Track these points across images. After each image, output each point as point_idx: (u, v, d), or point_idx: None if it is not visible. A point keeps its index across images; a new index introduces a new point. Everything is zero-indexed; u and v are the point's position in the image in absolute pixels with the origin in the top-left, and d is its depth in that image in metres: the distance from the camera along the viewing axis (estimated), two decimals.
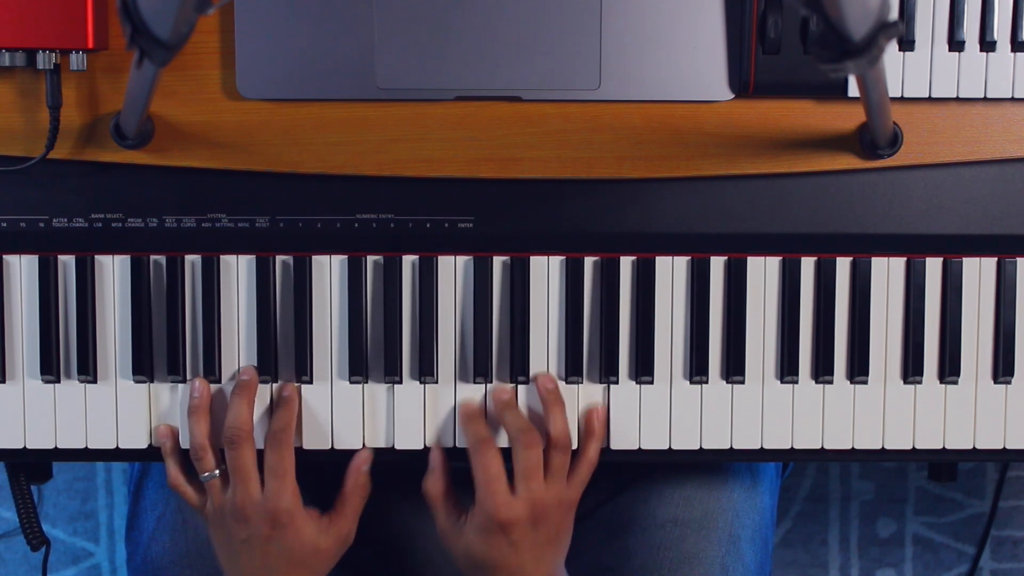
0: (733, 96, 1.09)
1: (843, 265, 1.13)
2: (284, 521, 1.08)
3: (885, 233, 1.12)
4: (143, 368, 1.12)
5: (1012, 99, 1.10)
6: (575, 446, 1.13)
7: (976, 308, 1.14)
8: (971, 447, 1.15)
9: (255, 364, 1.12)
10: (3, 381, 1.13)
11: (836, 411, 1.14)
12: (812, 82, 1.08)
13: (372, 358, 1.13)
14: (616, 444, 1.14)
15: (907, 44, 1.08)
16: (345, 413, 1.13)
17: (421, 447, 1.14)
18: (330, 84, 1.09)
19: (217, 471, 1.10)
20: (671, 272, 1.13)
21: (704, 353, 1.13)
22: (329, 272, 1.13)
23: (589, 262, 1.13)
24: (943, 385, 1.14)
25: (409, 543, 1.30)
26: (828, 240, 1.12)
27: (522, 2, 1.07)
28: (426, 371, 1.13)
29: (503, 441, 1.13)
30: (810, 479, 1.89)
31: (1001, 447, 1.15)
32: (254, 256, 1.13)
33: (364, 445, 1.14)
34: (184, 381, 1.13)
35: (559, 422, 1.11)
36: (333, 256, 1.13)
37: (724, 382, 1.14)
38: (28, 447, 1.14)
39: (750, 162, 1.10)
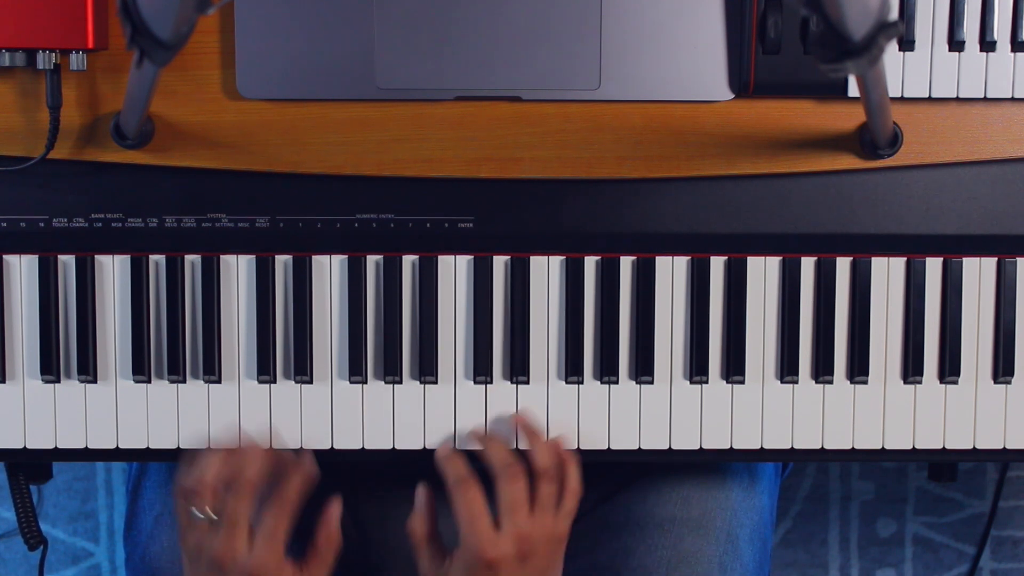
0: (733, 96, 1.09)
1: (843, 265, 1.13)
2: None
3: (885, 233, 1.12)
4: (143, 368, 1.12)
5: (1012, 99, 1.10)
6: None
7: (976, 308, 1.14)
8: (971, 447, 1.15)
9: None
10: (3, 381, 1.13)
11: (836, 411, 1.14)
12: (812, 82, 1.08)
13: (372, 358, 1.13)
14: (616, 444, 1.14)
15: (907, 44, 1.08)
16: (345, 413, 1.13)
17: (421, 447, 1.14)
18: (330, 84, 1.09)
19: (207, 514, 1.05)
20: (671, 272, 1.13)
21: (704, 353, 1.13)
22: (329, 272, 1.13)
23: (589, 262, 1.13)
24: (943, 385, 1.14)
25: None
26: (828, 240, 1.12)
27: (522, 2, 1.07)
28: (426, 371, 1.13)
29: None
30: (810, 479, 1.89)
31: (1001, 447, 1.15)
32: (254, 256, 1.13)
33: (364, 446, 1.14)
34: (184, 381, 1.13)
35: (543, 453, 1.09)
36: (333, 256, 1.13)
37: (724, 382, 1.14)
38: (28, 447, 1.14)
39: (750, 162, 1.10)
